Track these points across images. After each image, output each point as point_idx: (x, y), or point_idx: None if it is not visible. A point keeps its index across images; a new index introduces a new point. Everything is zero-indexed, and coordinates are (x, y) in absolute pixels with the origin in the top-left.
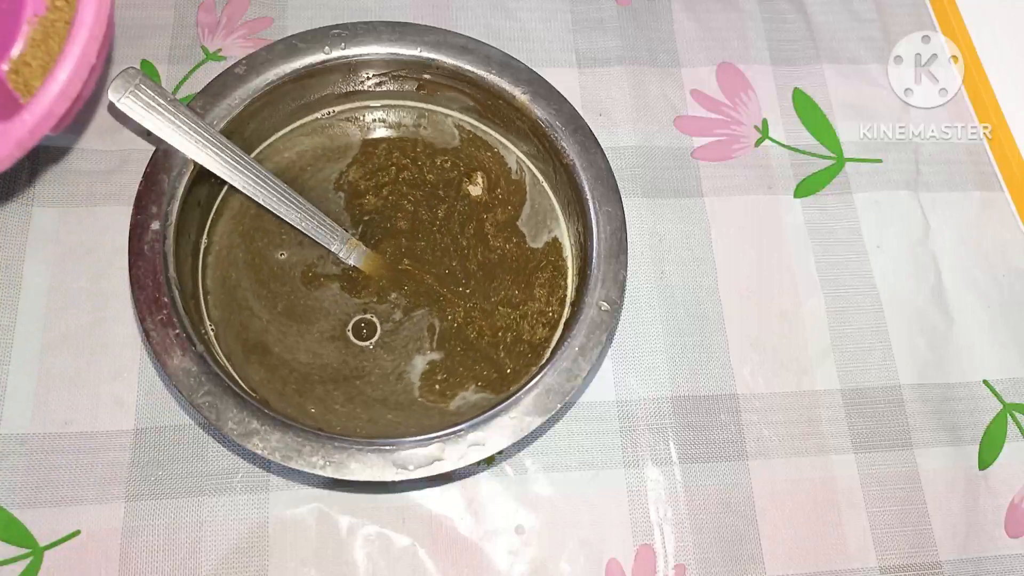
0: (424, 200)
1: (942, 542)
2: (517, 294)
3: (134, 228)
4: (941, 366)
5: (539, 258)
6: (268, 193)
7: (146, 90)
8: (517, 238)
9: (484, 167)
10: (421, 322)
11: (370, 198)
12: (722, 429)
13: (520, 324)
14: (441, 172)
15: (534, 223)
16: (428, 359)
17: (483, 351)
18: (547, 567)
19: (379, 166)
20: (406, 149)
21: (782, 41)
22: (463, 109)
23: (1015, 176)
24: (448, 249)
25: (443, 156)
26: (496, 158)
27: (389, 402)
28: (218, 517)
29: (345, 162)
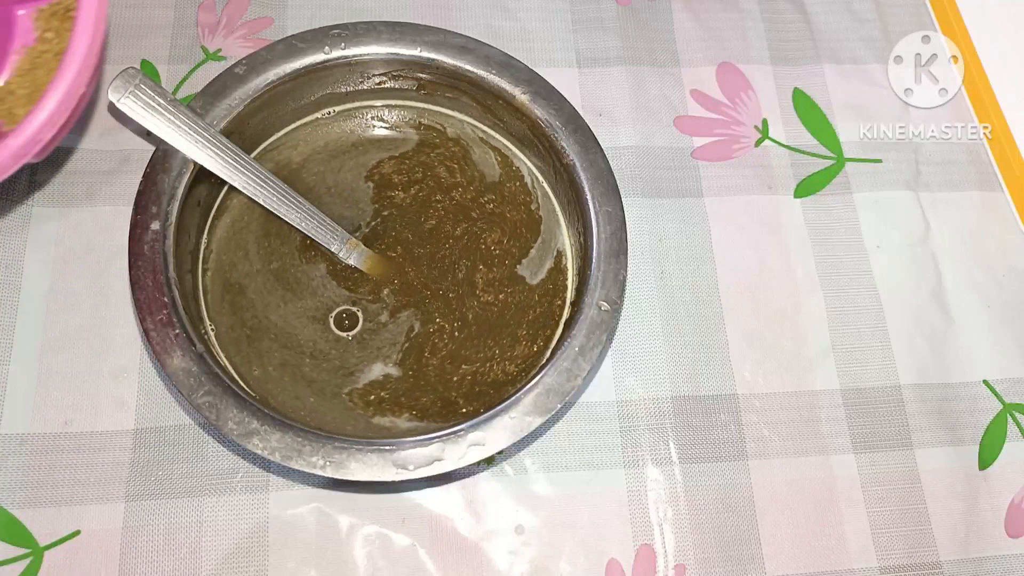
0: (447, 215)
1: (942, 542)
2: (497, 348)
3: (134, 228)
4: (941, 366)
5: (533, 298)
6: (268, 193)
7: (146, 90)
8: (513, 287)
9: (503, 221)
10: (400, 332)
11: (398, 193)
12: (722, 429)
13: (492, 368)
14: (470, 204)
15: (538, 258)
16: (385, 371)
17: (436, 387)
18: (547, 567)
19: (411, 167)
20: (439, 159)
21: (782, 41)
22: (463, 109)
23: (1015, 176)
24: (446, 280)
25: (480, 191)
26: (521, 205)
27: (316, 386)
28: (218, 517)
29: (378, 156)
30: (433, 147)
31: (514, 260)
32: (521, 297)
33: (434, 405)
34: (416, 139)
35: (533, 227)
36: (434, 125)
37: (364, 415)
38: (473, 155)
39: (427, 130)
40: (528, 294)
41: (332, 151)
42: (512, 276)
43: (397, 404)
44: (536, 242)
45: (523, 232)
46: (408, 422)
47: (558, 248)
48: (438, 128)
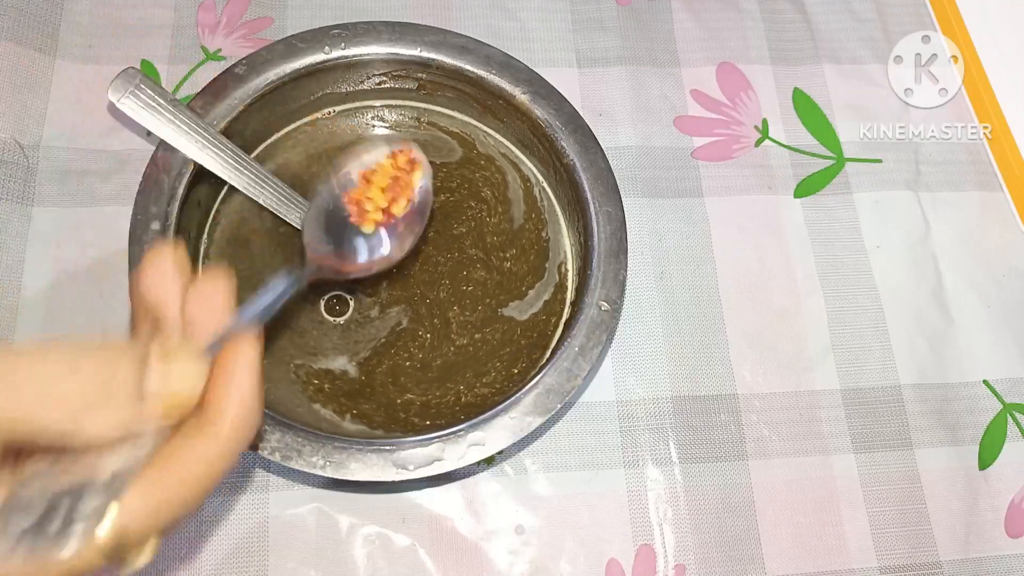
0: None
1: (942, 542)
2: (462, 384)
3: (134, 228)
4: (941, 366)
5: (516, 335)
6: (268, 193)
7: (146, 90)
8: (494, 326)
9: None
10: (386, 332)
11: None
12: (722, 429)
13: (451, 397)
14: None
15: (536, 295)
16: (347, 368)
17: (382, 400)
18: (547, 567)
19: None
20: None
21: (782, 41)
22: (463, 109)
23: (1015, 176)
24: (433, 296)
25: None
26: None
27: (274, 351)
28: (218, 517)
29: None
30: (473, 165)
31: (502, 303)
32: (501, 336)
33: (376, 414)
34: (460, 154)
35: (535, 272)
36: (467, 137)
37: (304, 395)
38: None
39: (465, 145)
40: (511, 332)
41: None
42: (495, 317)
43: (336, 402)
44: (535, 285)
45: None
46: (353, 424)
47: (555, 282)
48: (473, 143)
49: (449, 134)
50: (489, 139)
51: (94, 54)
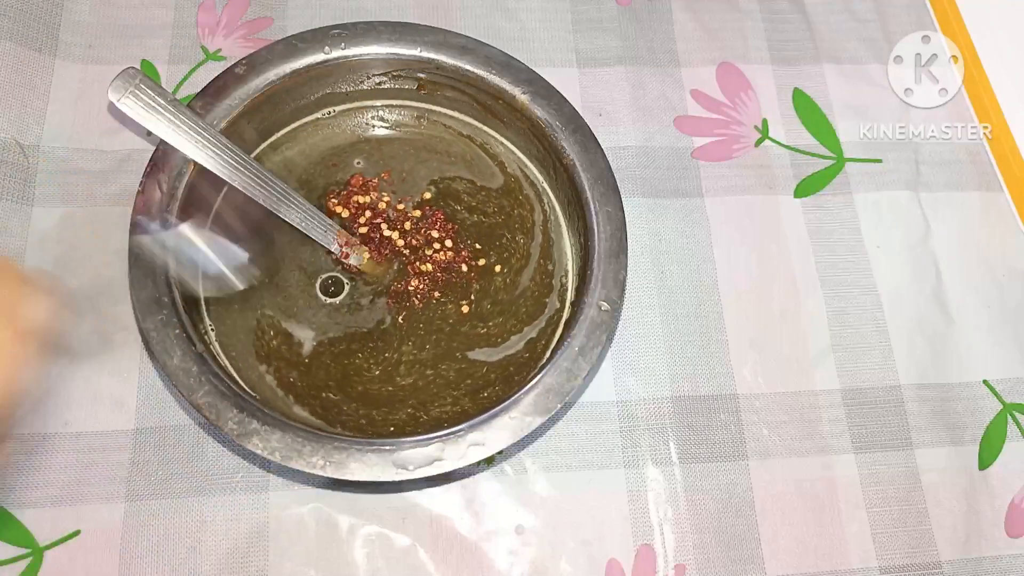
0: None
1: (942, 542)
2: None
3: (134, 228)
4: (941, 366)
5: (483, 373)
6: (268, 193)
7: (146, 90)
8: (471, 366)
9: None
10: (372, 319)
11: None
12: (722, 429)
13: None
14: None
15: (516, 342)
16: (307, 342)
17: (328, 396)
18: (547, 567)
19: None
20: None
21: (782, 41)
22: (463, 109)
23: (1015, 176)
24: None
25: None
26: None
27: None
28: (218, 517)
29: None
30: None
31: (472, 347)
32: (456, 374)
33: (312, 396)
34: (502, 180)
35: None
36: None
37: (252, 343)
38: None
39: (505, 174)
40: (476, 370)
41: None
42: (460, 359)
43: (280, 362)
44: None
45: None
46: (283, 392)
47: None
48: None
49: (452, 136)
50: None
51: (94, 54)
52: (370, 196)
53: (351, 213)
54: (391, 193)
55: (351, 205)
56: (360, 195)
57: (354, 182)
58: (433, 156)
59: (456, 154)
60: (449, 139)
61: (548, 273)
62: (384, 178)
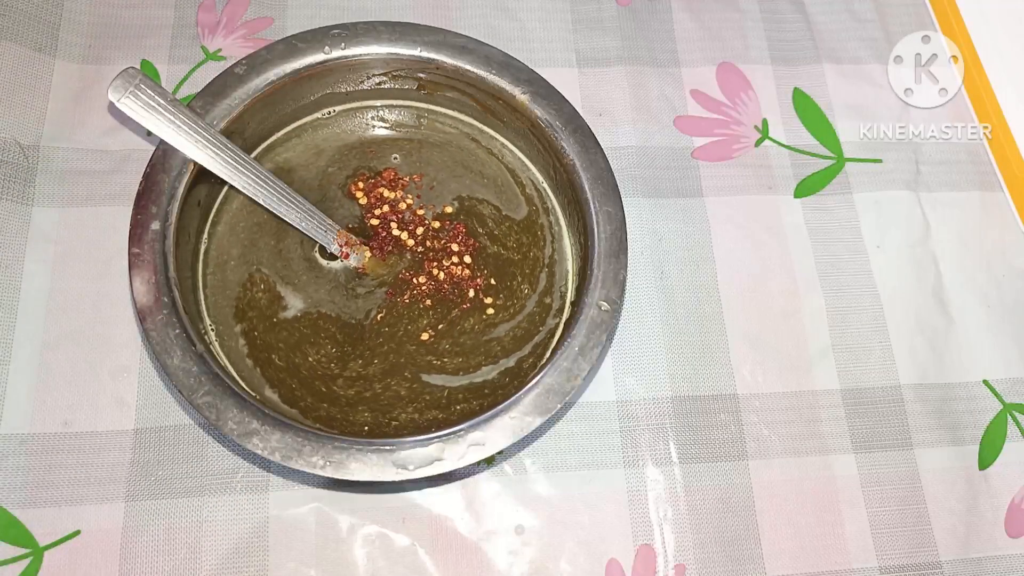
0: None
1: (942, 542)
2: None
3: (134, 228)
4: (941, 366)
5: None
6: (268, 193)
7: (146, 90)
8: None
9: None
10: (371, 304)
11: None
12: (722, 429)
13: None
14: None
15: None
16: (295, 312)
17: (298, 375)
18: (547, 567)
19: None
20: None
21: (782, 41)
22: (463, 109)
23: (1015, 176)
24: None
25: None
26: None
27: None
28: (218, 517)
29: None
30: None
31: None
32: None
33: (282, 368)
34: (525, 212)
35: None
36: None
37: (234, 295)
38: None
39: (530, 204)
40: (439, 398)
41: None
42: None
43: (260, 324)
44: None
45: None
46: (250, 356)
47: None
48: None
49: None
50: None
51: (94, 54)
52: (396, 193)
53: (369, 202)
54: (415, 197)
55: (374, 195)
56: (387, 189)
57: (386, 175)
58: (467, 173)
59: (489, 176)
60: (483, 158)
61: (535, 321)
62: (415, 180)
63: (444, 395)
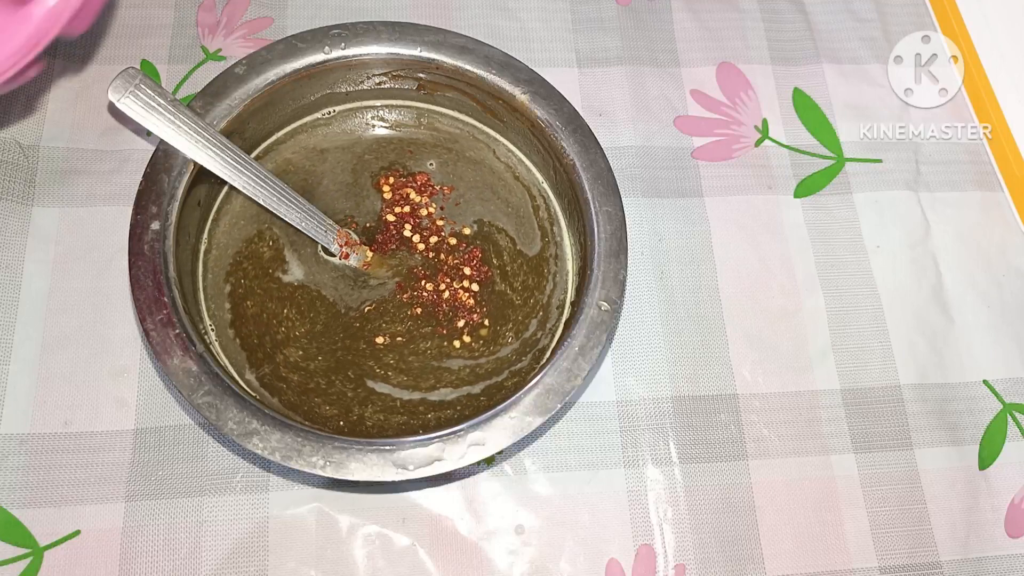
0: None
1: (942, 542)
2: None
3: (134, 228)
4: (941, 366)
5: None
6: (268, 193)
7: (146, 90)
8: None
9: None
10: (379, 293)
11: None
12: (722, 429)
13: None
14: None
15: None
16: (288, 282)
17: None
18: (547, 567)
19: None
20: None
21: (782, 41)
22: (463, 109)
23: (1015, 176)
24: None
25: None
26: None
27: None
28: (218, 517)
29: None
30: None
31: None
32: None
33: (261, 341)
34: (538, 248)
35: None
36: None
37: (227, 263)
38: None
39: (544, 239)
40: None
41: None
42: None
43: (250, 287)
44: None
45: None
46: (228, 322)
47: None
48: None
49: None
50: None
51: (94, 54)
52: (422, 198)
53: (393, 199)
54: (439, 207)
55: (399, 193)
56: (414, 192)
57: (419, 178)
58: (494, 198)
59: (513, 206)
60: (511, 183)
61: (501, 364)
62: (444, 191)
63: (397, 404)
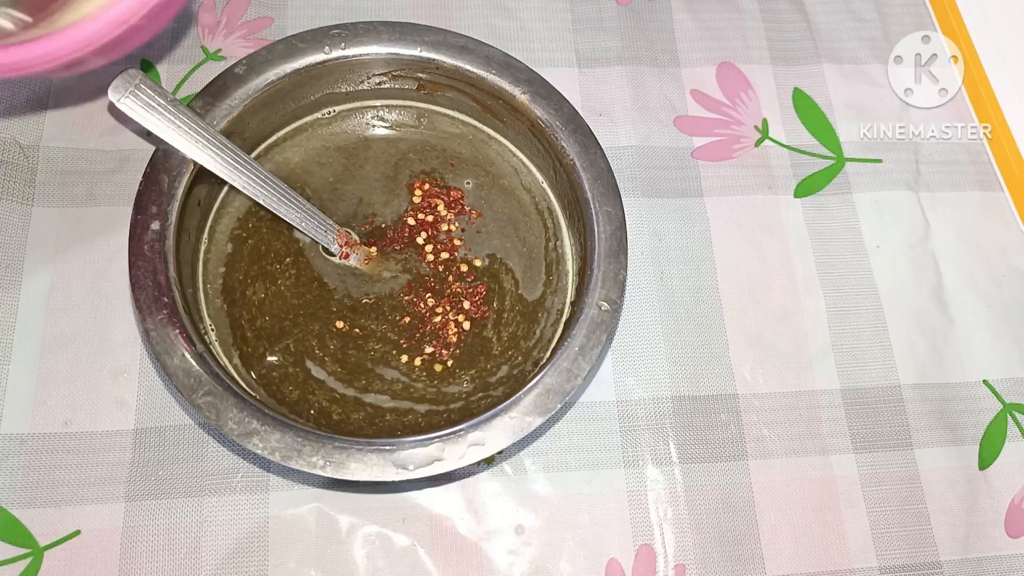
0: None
1: (942, 542)
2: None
3: (134, 228)
4: (941, 366)
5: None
6: (268, 193)
7: (146, 90)
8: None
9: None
10: (388, 292)
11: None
12: (722, 429)
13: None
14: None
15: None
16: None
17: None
18: (547, 567)
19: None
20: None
21: (782, 41)
22: (463, 109)
23: (1015, 176)
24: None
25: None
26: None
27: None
28: (218, 517)
29: None
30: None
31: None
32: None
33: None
34: (538, 294)
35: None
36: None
37: (233, 227)
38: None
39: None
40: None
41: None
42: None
43: (248, 260)
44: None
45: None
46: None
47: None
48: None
49: (517, 187)
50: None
51: None
52: (448, 214)
53: (420, 204)
54: (461, 229)
55: (428, 200)
56: (444, 206)
57: (454, 194)
58: (514, 234)
59: (529, 245)
60: (533, 218)
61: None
62: (472, 215)
63: (336, 395)
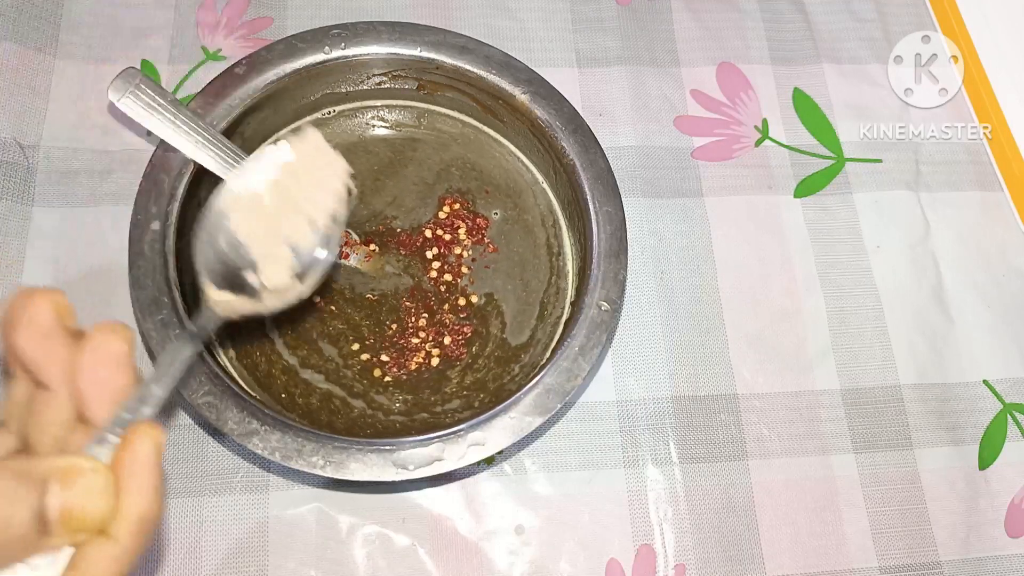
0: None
1: (942, 542)
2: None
3: (134, 228)
4: (941, 366)
5: None
6: None
7: (146, 90)
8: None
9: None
10: (385, 294)
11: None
12: (722, 429)
13: None
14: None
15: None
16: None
17: None
18: (547, 567)
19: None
20: None
21: (782, 41)
22: (463, 109)
23: (1015, 176)
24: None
25: None
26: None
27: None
28: (218, 517)
29: None
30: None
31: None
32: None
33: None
34: (523, 340)
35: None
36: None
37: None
38: None
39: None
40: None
41: (462, 159)
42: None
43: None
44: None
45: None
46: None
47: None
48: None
49: (536, 228)
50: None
51: (94, 54)
52: (467, 239)
53: (443, 220)
54: (472, 258)
55: (452, 218)
56: (466, 232)
57: (481, 221)
58: (518, 277)
59: (529, 289)
60: (543, 261)
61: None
62: (490, 248)
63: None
